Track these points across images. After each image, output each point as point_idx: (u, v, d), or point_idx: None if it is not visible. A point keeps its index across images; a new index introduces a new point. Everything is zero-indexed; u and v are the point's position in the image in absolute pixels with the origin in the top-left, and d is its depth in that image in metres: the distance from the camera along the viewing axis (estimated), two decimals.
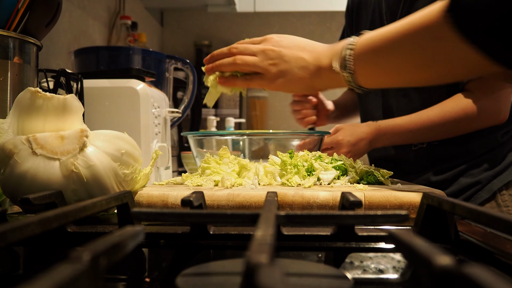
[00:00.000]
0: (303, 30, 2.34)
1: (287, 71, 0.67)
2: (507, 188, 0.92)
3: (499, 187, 0.91)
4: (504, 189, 0.92)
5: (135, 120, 0.77)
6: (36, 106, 0.48)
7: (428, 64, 0.57)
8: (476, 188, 0.93)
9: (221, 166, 0.63)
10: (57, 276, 0.16)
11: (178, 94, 1.37)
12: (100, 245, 0.20)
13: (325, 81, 0.66)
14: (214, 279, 0.27)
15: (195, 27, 2.35)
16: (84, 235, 0.38)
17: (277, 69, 0.67)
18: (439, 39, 0.54)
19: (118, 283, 0.30)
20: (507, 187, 0.92)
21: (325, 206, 0.50)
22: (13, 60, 0.61)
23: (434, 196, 0.37)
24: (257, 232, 0.23)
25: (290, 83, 0.67)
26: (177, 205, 0.51)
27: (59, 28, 1.13)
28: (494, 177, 0.92)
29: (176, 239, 0.36)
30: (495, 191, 0.92)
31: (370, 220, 0.31)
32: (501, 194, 0.92)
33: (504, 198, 0.91)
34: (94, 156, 0.46)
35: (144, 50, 1.03)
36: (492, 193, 0.91)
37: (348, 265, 0.32)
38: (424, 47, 0.56)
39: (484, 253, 0.33)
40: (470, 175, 0.94)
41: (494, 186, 0.92)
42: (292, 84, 0.67)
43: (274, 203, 0.36)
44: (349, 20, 1.17)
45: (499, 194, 0.92)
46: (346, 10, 1.18)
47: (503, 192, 0.92)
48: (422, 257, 0.19)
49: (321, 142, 0.83)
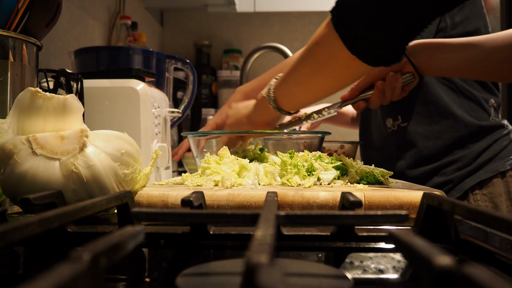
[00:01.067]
0: (303, 30, 2.34)
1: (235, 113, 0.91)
2: (481, 187, 0.91)
3: (470, 186, 0.91)
4: (477, 188, 0.91)
5: (135, 120, 0.77)
6: (36, 106, 0.48)
7: (316, 70, 0.71)
8: (448, 187, 0.93)
9: (221, 166, 0.63)
10: (57, 276, 0.16)
11: (178, 94, 1.37)
12: (100, 245, 0.20)
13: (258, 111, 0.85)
14: (214, 279, 0.27)
15: (195, 27, 2.35)
16: (84, 235, 0.38)
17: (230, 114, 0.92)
18: (319, 42, 0.69)
19: (118, 283, 0.30)
20: (480, 186, 0.91)
21: (325, 206, 0.50)
22: (13, 60, 0.61)
23: (434, 196, 0.37)
24: (257, 232, 0.23)
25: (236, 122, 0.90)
26: (177, 205, 0.51)
27: (59, 28, 1.13)
28: (466, 176, 0.92)
29: (176, 239, 0.36)
30: (467, 190, 0.91)
31: (370, 220, 0.31)
32: (473, 194, 0.91)
33: (476, 197, 0.91)
34: (94, 156, 0.46)
35: (144, 50, 1.03)
36: (463, 192, 0.91)
37: (348, 265, 0.32)
38: (311, 53, 0.70)
39: (484, 253, 0.33)
40: (443, 174, 0.94)
41: (465, 185, 0.91)
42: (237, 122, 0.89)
43: (274, 203, 0.36)
44: None
45: (471, 194, 0.91)
46: None
47: (476, 191, 0.91)
48: (422, 257, 0.19)
49: (321, 142, 0.83)
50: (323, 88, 0.74)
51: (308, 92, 0.75)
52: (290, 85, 0.76)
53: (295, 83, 0.75)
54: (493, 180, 0.91)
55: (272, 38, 2.29)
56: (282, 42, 1.57)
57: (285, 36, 2.33)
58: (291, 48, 1.46)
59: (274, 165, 0.65)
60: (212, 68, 2.24)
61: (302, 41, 2.33)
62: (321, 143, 0.83)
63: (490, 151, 0.93)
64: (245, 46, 2.33)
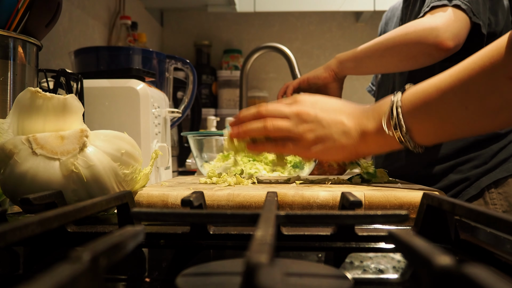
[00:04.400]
0: (303, 30, 2.34)
1: (326, 138, 0.60)
2: (496, 186, 0.91)
3: (487, 185, 0.91)
4: (493, 187, 0.91)
5: (135, 120, 0.77)
6: (36, 106, 0.48)
7: (504, 108, 0.50)
8: (464, 184, 0.93)
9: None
10: (57, 276, 0.16)
11: (178, 94, 1.37)
12: (100, 245, 0.20)
13: (371, 146, 0.59)
14: (214, 279, 0.27)
15: (195, 27, 2.35)
16: (84, 235, 0.38)
17: (315, 135, 0.60)
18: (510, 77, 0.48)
19: (118, 283, 0.30)
20: (496, 185, 0.91)
21: (325, 206, 0.50)
22: (13, 60, 0.61)
23: (434, 196, 0.37)
24: (257, 232, 0.23)
25: (331, 150, 0.60)
26: (177, 205, 0.51)
27: (59, 28, 1.13)
28: (483, 175, 0.92)
29: (176, 239, 0.36)
30: (483, 189, 0.91)
31: (370, 220, 0.31)
32: (489, 192, 0.91)
33: (492, 196, 0.91)
34: (94, 156, 0.46)
35: (144, 50, 1.03)
36: (480, 190, 0.91)
37: (348, 265, 0.32)
38: (498, 89, 0.50)
39: (484, 253, 0.33)
40: (459, 171, 0.94)
41: (482, 183, 0.91)
42: (333, 151, 0.60)
43: (274, 203, 0.36)
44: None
45: (488, 192, 0.91)
46: (380, 29, 1.21)
47: (492, 190, 0.91)
48: (422, 257, 0.19)
49: None
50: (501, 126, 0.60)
51: (475, 128, 0.56)
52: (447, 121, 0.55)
53: (458, 120, 0.54)
54: (508, 180, 0.91)
55: (272, 38, 2.29)
56: (282, 42, 1.57)
57: (285, 36, 2.33)
58: (291, 48, 1.46)
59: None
60: (212, 68, 2.24)
61: (302, 41, 2.33)
62: None
63: (506, 151, 0.93)
64: (245, 46, 2.33)
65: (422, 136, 0.56)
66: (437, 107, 0.53)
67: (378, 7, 1.98)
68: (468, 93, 0.51)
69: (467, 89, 0.51)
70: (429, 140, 0.56)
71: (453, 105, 0.52)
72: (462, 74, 0.51)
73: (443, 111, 0.53)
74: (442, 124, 0.54)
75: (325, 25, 2.34)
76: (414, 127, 0.55)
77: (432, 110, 0.54)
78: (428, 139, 0.56)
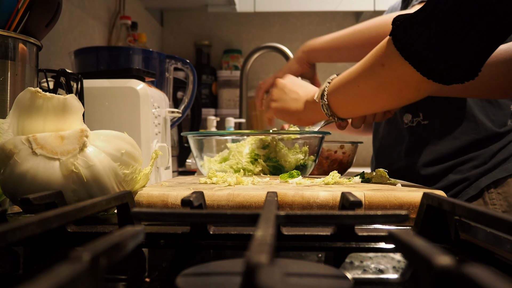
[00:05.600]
0: (303, 30, 2.34)
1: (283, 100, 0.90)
2: (496, 187, 0.91)
3: (487, 185, 0.91)
4: (492, 187, 0.91)
5: (135, 120, 0.77)
6: (36, 106, 0.48)
7: (380, 89, 0.68)
8: (463, 184, 0.93)
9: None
10: (57, 276, 0.16)
11: (178, 94, 1.37)
12: (100, 245, 0.20)
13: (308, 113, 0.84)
14: (214, 279, 0.27)
15: (195, 27, 2.35)
16: (84, 235, 0.38)
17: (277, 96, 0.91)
18: (384, 63, 0.65)
19: (118, 283, 0.30)
20: (495, 185, 0.91)
21: (325, 206, 0.50)
22: (13, 60, 0.61)
23: (434, 196, 0.37)
24: (257, 232, 0.23)
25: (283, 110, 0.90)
26: (177, 205, 0.51)
27: (59, 28, 1.13)
28: (482, 175, 0.92)
29: (176, 239, 0.36)
30: (483, 189, 0.91)
31: (370, 220, 0.31)
32: (489, 192, 0.91)
33: (491, 196, 0.91)
34: (94, 156, 0.46)
35: (144, 50, 1.03)
36: (479, 190, 0.91)
37: (348, 265, 0.32)
38: (375, 73, 0.67)
39: (484, 253, 0.33)
40: (459, 171, 0.94)
41: (481, 183, 0.91)
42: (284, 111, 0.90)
43: (274, 203, 0.36)
44: None
45: (487, 192, 0.91)
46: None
47: (491, 190, 0.91)
48: (422, 257, 0.19)
49: (321, 142, 0.83)
50: (385, 105, 0.72)
51: (367, 105, 0.73)
52: (348, 96, 0.74)
53: (354, 96, 0.73)
54: (508, 180, 0.91)
55: (272, 38, 2.29)
56: (282, 42, 1.57)
57: (285, 36, 2.33)
58: (291, 48, 1.46)
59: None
60: (212, 68, 2.24)
61: (302, 41, 2.32)
62: (320, 143, 0.83)
63: (506, 151, 0.93)
64: (245, 46, 2.33)
65: (337, 107, 0.77)
66: (343, 87, 0.74)
67: (378, 7, 1.98)
68: (359, 75, 0.70)
69: (360, 72, 0.70)
70: (343, 112, 0.77)
71: (351, 84, 0.72)
72: (360, 63, 0.71)
73: (346, 90, 0.74)
74: (346, 98, 0.75)
75: (325, 25, 2.34)
76: (331, 100, 0.77)
77: (340, 88, 0.75)
78: (342, 110, 0.77)
